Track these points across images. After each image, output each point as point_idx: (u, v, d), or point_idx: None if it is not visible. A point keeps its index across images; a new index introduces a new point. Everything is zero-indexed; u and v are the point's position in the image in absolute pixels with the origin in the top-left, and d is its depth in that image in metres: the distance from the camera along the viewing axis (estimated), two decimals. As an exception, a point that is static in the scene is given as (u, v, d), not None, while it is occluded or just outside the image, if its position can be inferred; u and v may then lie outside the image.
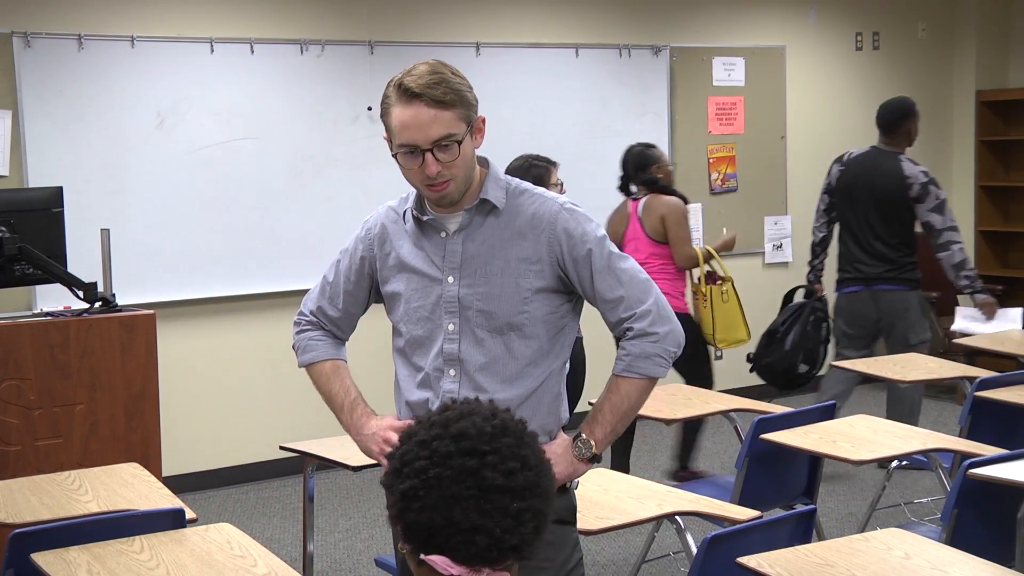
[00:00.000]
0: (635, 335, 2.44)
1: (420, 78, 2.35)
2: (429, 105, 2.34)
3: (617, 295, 2.44)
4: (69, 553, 2.70)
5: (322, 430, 4.15)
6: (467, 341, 2.45)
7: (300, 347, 2.65)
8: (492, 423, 1.50)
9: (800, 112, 7.76)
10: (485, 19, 6.65)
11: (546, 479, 1.51)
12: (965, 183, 8.40)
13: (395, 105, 2.37)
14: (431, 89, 2.34)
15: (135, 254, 5.69)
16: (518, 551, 1.47)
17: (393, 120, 2.37)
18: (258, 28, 6.03)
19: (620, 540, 4.96)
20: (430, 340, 2.48)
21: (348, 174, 6.24)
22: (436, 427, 1.51)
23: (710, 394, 4.67)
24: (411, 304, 2.49)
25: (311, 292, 2.68)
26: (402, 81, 2.36)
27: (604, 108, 6.98)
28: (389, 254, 2.53)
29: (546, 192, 2.51)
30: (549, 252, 2.44)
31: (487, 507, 1.45)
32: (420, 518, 1.46)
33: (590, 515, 3.00)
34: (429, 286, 2.47)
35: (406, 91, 2.35)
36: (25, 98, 5.48)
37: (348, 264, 2.60)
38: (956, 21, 8.36)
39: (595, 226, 2.48)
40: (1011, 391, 4.30)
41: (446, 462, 1.47)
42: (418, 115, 2.34)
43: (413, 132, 2.35)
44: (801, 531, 3.01)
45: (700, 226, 7.35)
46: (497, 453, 1.47)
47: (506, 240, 2.44)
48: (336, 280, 2.61)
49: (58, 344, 4.13)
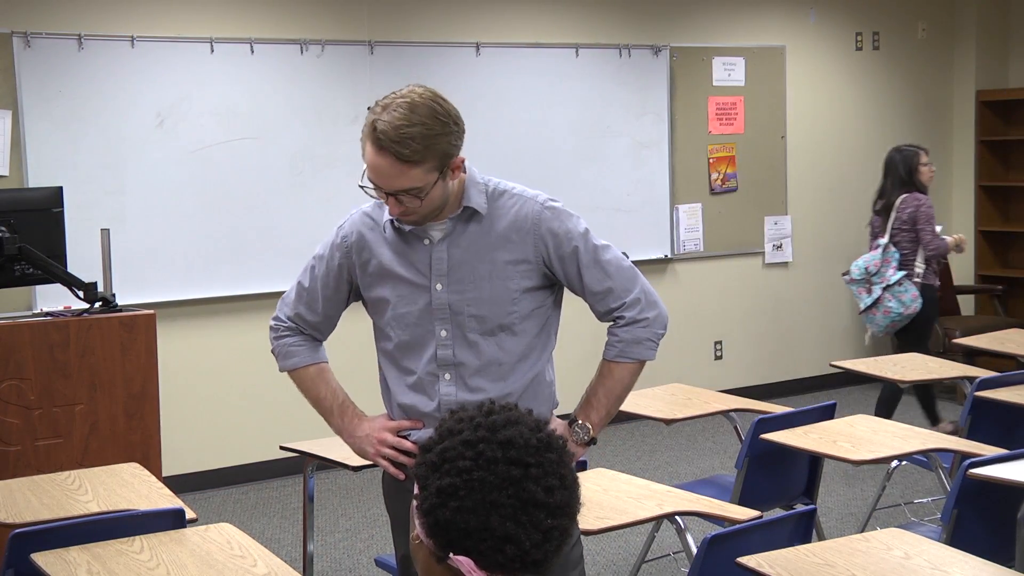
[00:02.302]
0: (626, 323, 2.52)
1: (393, 127, 2.30)
2: (396, 160, 2.32)
3: (605, 287, 2.50)
4: (69, 553, 2.70)
5: (322, 430, 4.11)
6: (460, 345, 2.48)
7: (280, 353, 2.68)
8: (537, 436, 1.50)
9: (800, 112, 7.76)
10: (485, 19, 6.65)
11: (576, 500, 1.52)
12: (965, 183, 8.40)
13: (368, 141, 2.36)
14: (398, 146, 2.31)
15: (135, 254, 5.69)
16: (539, 567, 1.47)
17: (365, 154, 2.37)
18: (258, 28, 6.03)
19: (620, 540, 4.96)
20: (421, 345, 2.51)
21: (348, 174, 6.23)
22: (482, 429, 1.49)
23: (710, 394, 4.67)
24: (398, 310, 2.51)
25: (285, 298, 2.68)
26: (376, 123, 2.32)
27: (604, 108, 6.98)
28: (368, 261, 2.54)
29: (525, 191, 2.53)
30: (535, 252, 2.47)
31: (523, 519, 1.44)
32: (455, 517, 1.45)
33: (590, 515, 3.00)
34: (416, 293, 2.49)
35: (377, 138, 2.33)
36: (25, 98, 5.48)
37: (325, 271, 2.60)
38: (956, 21, 8.36)
39: (576, 221, 2.51)
40: (1011, 391, 4.30)
41: (491, 467, 1.46)
42: (385, 166, 2.34)
43: (379, 178, 2.37)
44: (801, 531, 3.01)
45: (700, 226, 7.36)
46: (541, 467, 1.47)
47: (491, 244, 2.47)
48: (313, 286, 2.62)
49: (58, 344, 4.12)
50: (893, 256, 6.27)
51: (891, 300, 6.24)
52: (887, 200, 6.34)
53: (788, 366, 7.83)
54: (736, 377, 7.53)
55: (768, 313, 7.79)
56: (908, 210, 6.23)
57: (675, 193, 7.25)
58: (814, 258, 7.92)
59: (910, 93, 8.27)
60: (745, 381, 7.52)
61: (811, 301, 7.93)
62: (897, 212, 6.27)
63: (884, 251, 6.29)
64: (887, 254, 6.29)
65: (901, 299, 6.22)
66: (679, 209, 7.26)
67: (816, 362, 7.83)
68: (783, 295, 7.83)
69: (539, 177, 6.70)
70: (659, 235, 7.21)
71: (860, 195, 8.08)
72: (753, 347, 7.72)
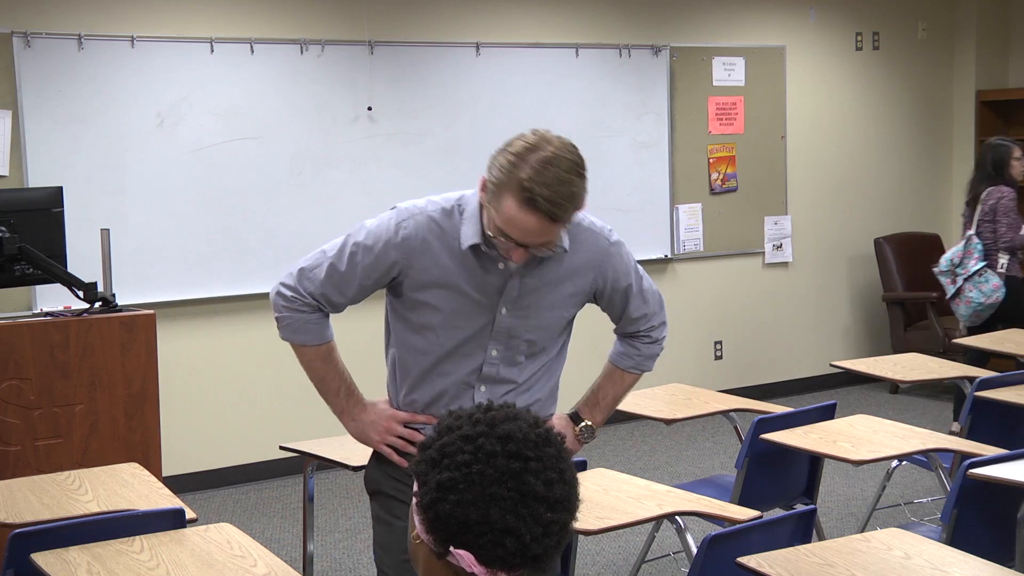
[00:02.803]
0: (650, 341, 2.72)
1: (553, 191, 2.27)
2: (549, 221, 2.31)
3: (642, 313, 2.69)
4: (69, 553, 2.70)
5: (322, 430, 4.15)
6: (507, 365, 2.56)
7: (292, 326, 2.58)
8: (536, 431, 1.51)
9: (800, 112, 7.76)
10: (485, 19, 6.65)
11: (575, 495, 1.52)
12: (965, 183, 8.38)
13: (513, 198, 2.29)
14: (555, 208, 2.28)
15: (135, 254, 5.69)
16: (539, 561, 1.47)
17: (504, 204, 2.30)
18: (258, 28, 6.03)
19: (620, 540, 4.96)
20: (468, 357, 2.53)
21: (348, 174, 6.23)
22: (481, 424, 1.50)
23: (710, 394, 4.67)
24: (454, 321, 2.51)
25: (309, 271, 2.56)
26: (532, 188, 2.27)
27: (604, 108, 6.98)
28: (428, 267, 2.50)
29: (594, 223, 2.60)
30: (592, 285, 2.59)
31: (523, 512, 1.45)
32: (455, 511, 1.46)
33: (590, 515, 3.00)
34: (478, 312, 2.51)
35: (529, 200, 2.27)
36: (25, 98, 5.48)
37: (373, 262, 2.51)
38: (956, 21, 8.36)
39: (629, 254, 2.65)
40: (1011, 391, 4.30)
41: (490, 460, 1.47)
42: (533, 225, 2.31)
43: (520, 234, 2.33)
44: (801, 531, 3.01)
45: (700, 226, 7.36)
46: (540, 461, 1.48)
47: (562, 276, 2.55)
48: (351, 272, 2.53)
49: (58, 344, 4.12)
50: (976, 247, 6.45)
51: (972, 290, 6.44)
52: (975, 192, 6.55)
53: (788, 366, 7.84)
54: (736, 377, 7.53)
55: (768, 313, 7.79)
56: (991, 202, 6.42)
57: (675, 193, 7.25)
58: (814, 258, 7.92)
59: (910, 93, 8.27)
60: (745, 381, 7.52)
61: (811, 301, 7.93)
62: (982, 204, 6.46)
63: (967, 243, 6.50)
64: (970, 245, 6.48)
65: (982, 289, 6.41)
66: (679, 209, 7.26)
67: (816, 362, 7.83)
68: (783, 295, 7.83)
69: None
70: (659, 235, 7.21)
71: (860, 195, 8.10)
72: (753, 347, 7.72)
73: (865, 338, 8.17)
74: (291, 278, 2.59)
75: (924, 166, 8.38)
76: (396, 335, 2.61)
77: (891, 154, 8.21)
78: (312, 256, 2.59)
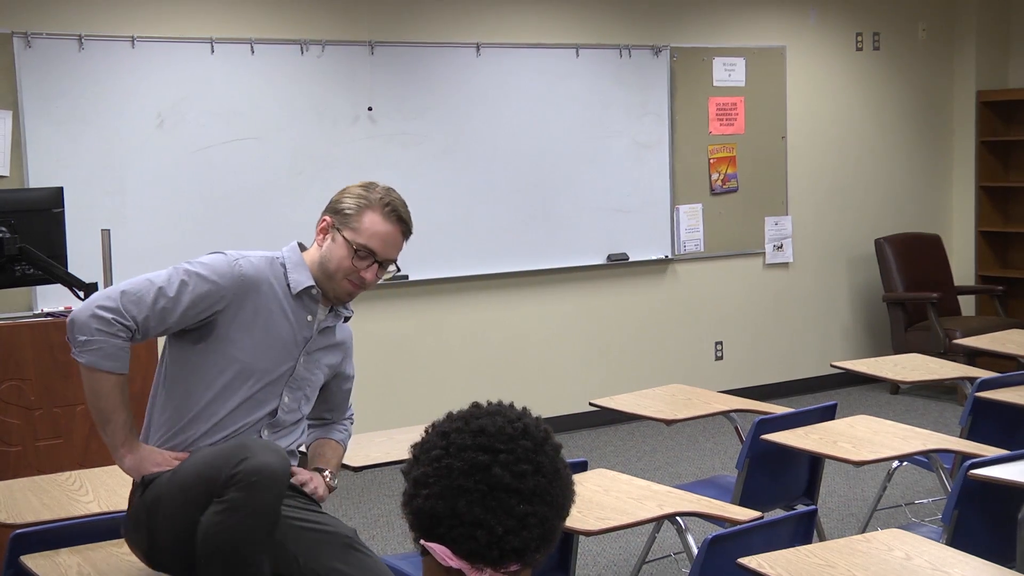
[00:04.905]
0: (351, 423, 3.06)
1: (405, 210, 2.72)
2: (403, 234, 2.73)
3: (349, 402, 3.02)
4: (59, 555, 2.71)
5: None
6: (292, 413, 2.73)
7: (105, 351, 2.55)
8: (514, 425, 1.51)
9: (800, 112, 7.76)
10: (485, 19, 6.65)
11: (559, 490, 1.51)
12: (965, 183, 8.40)
13: (375, 212, 2.66)
14: (410, 224, 2.74)
15: (135, 254, 5.68)
16: (520, 555, 1.47)
17: (366, 222, 2.65)
18: (258, 28, 6.03)
19: (621, 541, 4.96)
20: (261, 404, 2.66)
21: (348, 174, 6.20)
22: (458, 420, 1.51)
23: (710, 394, 4.67)
24: (258, 364, 2.64)
25: (135, 295, 2.57)
26: (392, 202, 2.69)
27: (604, 108, 6.98)
28: (253, 309, 2.63)
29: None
30: (340, 366, 2.89)
31: (492, 504, 1.45)
32: (426, 505, 1.47)
33: (591, 516, 3.00)
34: (282, 359, 2.68)
35: (393, 211, 2.69)
36: (25, 98, 5.48)
37: (204, 293, 2.59)
38: (956, 21, 8.36)
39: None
40: (1011, 391, 4.30)
41: (460, 454, 1.47)
42: (395, 236, 2.71)
43: (383, 246, 2.68)
44: (802, 532, 3.01)
45: (701, 227, 7.36)
46: (511, 453, 1.48)
47: (334, 344, 2.83)
48: (178, 300, 2.57)
49: (58, 344, 4.11)
50: None
51: None
52: None
53: (788, 366, 7.83)
54: (737, 377, 7.53)
55: (769, 314, 7.79)
56: None
57: (675, 193, 7.25)
58: (814, 258, 7.92)
59: (910, 93, 8.27)
60: (746, 381, 7.52)
61: (811, 301, 7.93)
62: None
63: None
64: None
65: None
66: (679, 209, 7.26)
67: (816, 362, 7.83)
68: (783, 295, 7.82)
69: (539, 178, 6.71)
70: (659, 236, 7.21)
71: (861, 195, 8.09)
72: (754, 347, 7.72)
73: (866, 339, 8.17)
74: (111, 300, 2.54)
75: (924, 166, 8.37)
76: (173, 372, 2.67)
77: (891, 154, 8.21)
78: (135, 281, 2.59)
